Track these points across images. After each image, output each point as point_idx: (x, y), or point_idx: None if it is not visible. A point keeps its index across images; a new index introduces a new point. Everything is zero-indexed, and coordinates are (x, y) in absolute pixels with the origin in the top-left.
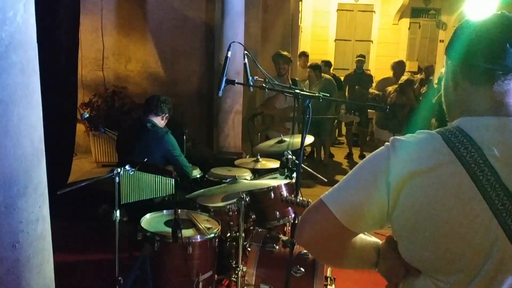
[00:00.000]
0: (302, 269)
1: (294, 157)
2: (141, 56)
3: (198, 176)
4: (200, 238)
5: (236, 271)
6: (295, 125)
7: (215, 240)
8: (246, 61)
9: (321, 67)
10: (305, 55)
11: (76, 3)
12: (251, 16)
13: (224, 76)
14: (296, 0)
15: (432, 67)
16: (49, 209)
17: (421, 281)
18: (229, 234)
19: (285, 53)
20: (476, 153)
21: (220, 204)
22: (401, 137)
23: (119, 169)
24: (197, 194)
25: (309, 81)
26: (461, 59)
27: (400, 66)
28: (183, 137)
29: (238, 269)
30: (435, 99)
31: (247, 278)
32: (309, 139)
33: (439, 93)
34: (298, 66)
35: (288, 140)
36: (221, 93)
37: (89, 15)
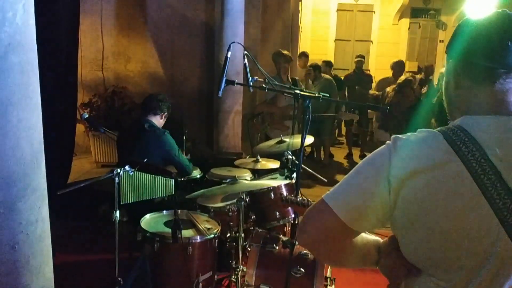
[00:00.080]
0: (302, 270)
1: (294, 158)
2: (141, 56)
3: (198, 176)
4: (200, 238)
5: (236, 272)
6: (295, 125)
7: (215, 240)
8: (246, 61)
9: (321, 67)
10: (305, 55)
11: (76, 3)
12: (251, 16)
13: (224, 76)
14: (296, 0)
15: (432, 67)
16: (49, 210)
17: (422, 281)
18: (229, 234)
19: (286, 52)
20: (477, 152)
21: (220, 204)
22: (402, 136)
23: (118, 170)
24: (197, 194)
25: (305, 80)
26: (461, 57)
27: (399, 66)
28: (183, 137)
29: (238, 269)
30: (435, 99)
31: (247, 278)
32: (309, 139)
33: (439, 93)
34: (298, 66)
35: (288, 140)
36: (221, 94)
37: (88, 15)
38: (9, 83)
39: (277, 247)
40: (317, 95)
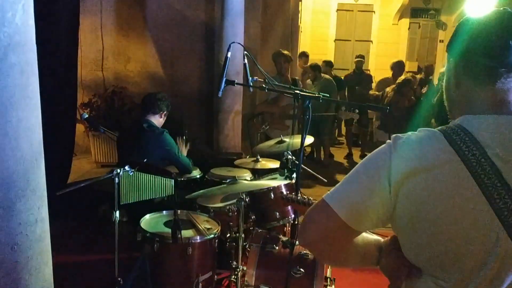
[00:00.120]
0: (302, 270)
1: (294, 158)
2: (140, 56)
3: (198, 176)
4: (199, 238)
5: (236, 272)
6: (295, 124)
7: (215, 240)
8: (246, 61)
9: (321, 67)
10: (305, 55)
11: (75, 3)
12: (251, 16)
13: (224, 76)
14: (296, 0)
15: (431, 67)
16: (48, 210)
17: (422, 281)
18: (229, 234)
19: (286, 52)
20: (478, 152)
21: (220, 204)
22: (403, 135)
23: (118, 170)
24: (197, 194)
25: (302, 79)
26: (462, 56)
27: (398, 66)
28: (183, 137)
29: (238, 269)
30: (435, 99)
31: (247, 278)
32: (309, 139)
33: (439, 93)
34: (298, 66)
35: (288, 140)
36: (221, 94)
37: (88, 15)
38: (8, 83)
39: (277, 247)
40: (317, 95)
